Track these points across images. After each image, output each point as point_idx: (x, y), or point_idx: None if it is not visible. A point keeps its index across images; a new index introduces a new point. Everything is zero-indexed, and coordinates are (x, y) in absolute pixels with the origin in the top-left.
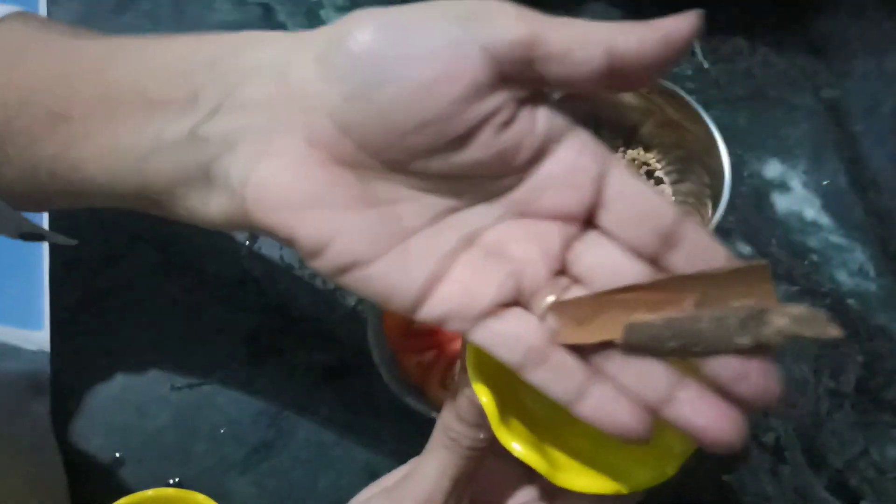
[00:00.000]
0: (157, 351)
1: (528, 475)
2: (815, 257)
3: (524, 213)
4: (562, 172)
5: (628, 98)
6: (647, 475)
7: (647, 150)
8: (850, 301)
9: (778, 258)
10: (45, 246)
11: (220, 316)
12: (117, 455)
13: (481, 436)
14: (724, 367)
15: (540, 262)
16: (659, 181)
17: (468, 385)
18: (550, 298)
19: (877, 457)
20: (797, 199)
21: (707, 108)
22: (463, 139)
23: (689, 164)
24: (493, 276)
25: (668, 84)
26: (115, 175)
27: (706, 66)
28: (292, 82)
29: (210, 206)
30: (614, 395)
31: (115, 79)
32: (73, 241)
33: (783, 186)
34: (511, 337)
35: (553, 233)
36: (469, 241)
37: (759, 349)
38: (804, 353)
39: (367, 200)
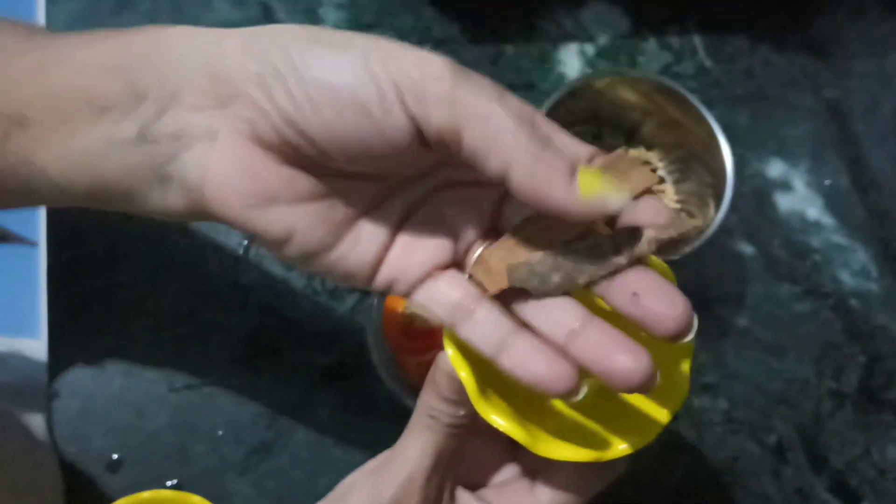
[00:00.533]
0: (156, 351)
1: (510, 453)
2: (817, 257)
3: (457, 183)
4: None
5: (630, 97)
6: (628, 442)
7: (648, 149)
8: (852, 301)
9: (780, 258)
10: (43, 254)
11: (219, 316)
12: (115, 456)
13: (461, 412)
14: (616, 291)
15: (472, 222)
16: (661, 180)
17: (447, 362)
18: (476, 254)
19: (878, 457)
20: (799, 198)
21: (708, 107)
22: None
23: (691, 163)
24: (429, 241)
25: (671, 83)
26: (71, 176)
27: (707, 65)
28: (237, 88)
29: (169, 202)
30: (533, 347)
31: (57, 80)
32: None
33: (785, 186)
34: (441, 296)
35: (483, 196)
36: (408, 212)
37: (637, 263)
38: (806, 353)
39: (317, 193)
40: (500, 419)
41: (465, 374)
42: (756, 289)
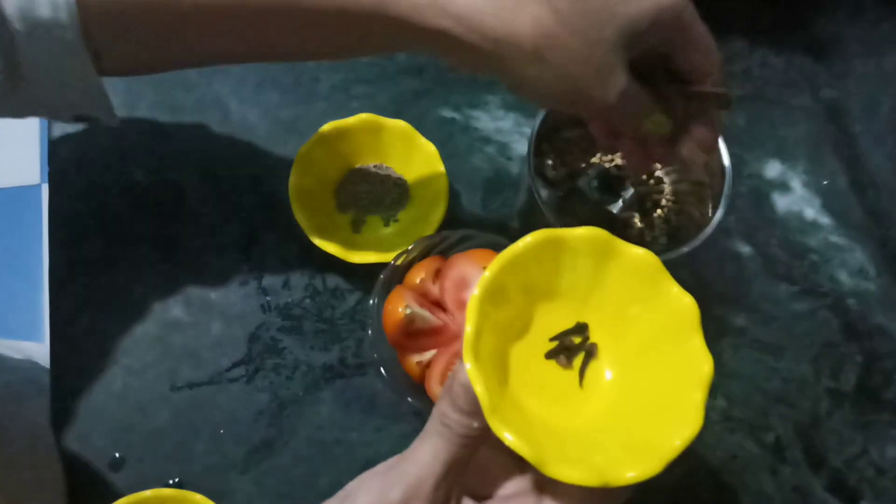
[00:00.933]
0: (158, 351)
1: (519, 466)
2: (814, 257)
3: None
4: None
5: None
6: (636, 471)
7: None
8: (850, 301)
9: (778, 258)
10: (45, 258)
11: (220, 316)
12: (118, 455)
13: (475, 424)
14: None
15: None
16: (659, 181)
17: (465, 374)
18: None
19: (876, 456)
20: (797, 198)
21: None
22: None
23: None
24: None
25: None
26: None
27: None
28: None
29: None
30: None
31: None
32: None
33: (783, 186)
34: None
35: None
36: None
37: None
38: (804, 352)
39: None
40: (511, 436)
41: (480, 389)
42: (754, 288)
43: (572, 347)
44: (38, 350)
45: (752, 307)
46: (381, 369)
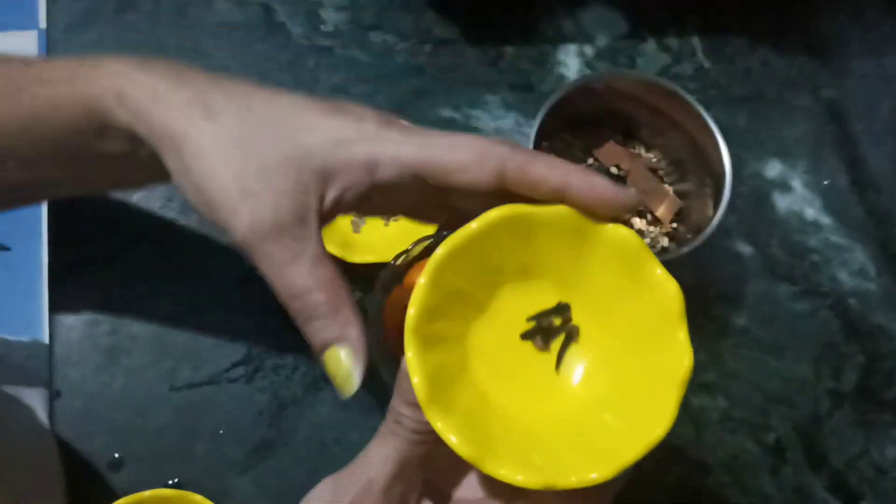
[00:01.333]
0: (158, 351)
1: None
2: (815, 257)
3: None
4: None
5: (629, 98)
6: (595, 472)
7: (647, 149)
8: (851, 301)
9: (778, 258)
10: (45, 257)
11: (220, 316)
12: (117, 455)
13: (425, 419)
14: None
15: None
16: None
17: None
18: None
19: (877, 456)
20: (798, 198)
21: (707, 107)
22: None
23: (689, 164)
24: None
25: (669, 84)
26: None
27: (706, 66)
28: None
29: None
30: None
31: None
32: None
33: (784, 186)
34: None
35: None
36: None
37: None
38: (804, 352)
39: None
40: (447, 430)
41: (417, 379)
42: (754, 288)
43: (552, 329)
44: (37, 349)
45: (753, 307)
46: (381, 369)
